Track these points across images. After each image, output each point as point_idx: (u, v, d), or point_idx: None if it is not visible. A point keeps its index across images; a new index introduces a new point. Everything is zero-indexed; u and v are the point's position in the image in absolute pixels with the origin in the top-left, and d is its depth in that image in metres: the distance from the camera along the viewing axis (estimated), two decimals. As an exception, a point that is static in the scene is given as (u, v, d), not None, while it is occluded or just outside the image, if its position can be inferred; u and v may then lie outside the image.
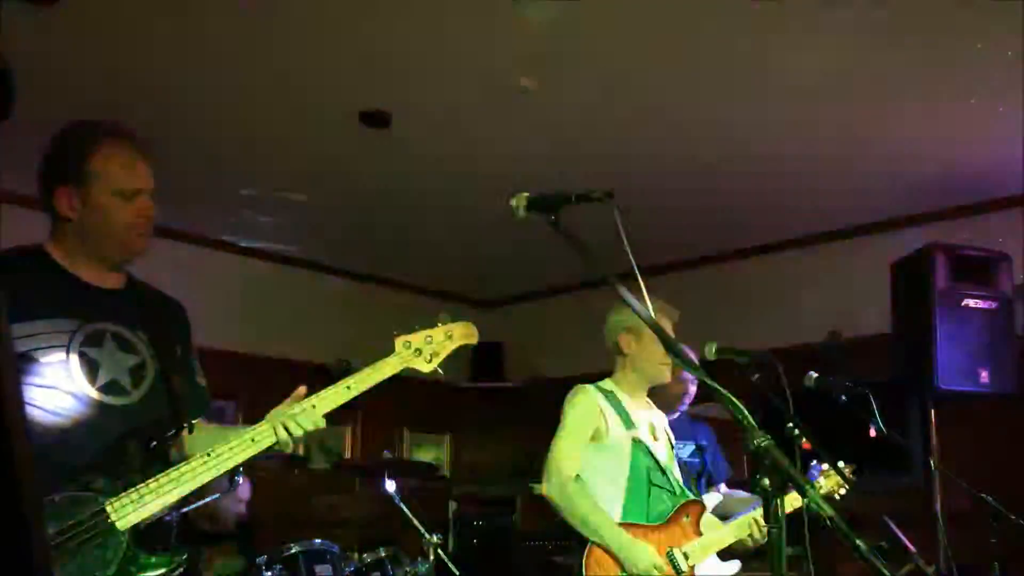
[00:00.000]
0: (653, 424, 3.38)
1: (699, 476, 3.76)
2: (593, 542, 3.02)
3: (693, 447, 3.76)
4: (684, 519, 3.18)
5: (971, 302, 4.27)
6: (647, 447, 3.26)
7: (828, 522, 1.49)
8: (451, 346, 2.24)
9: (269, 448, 2.04)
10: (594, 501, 3.11)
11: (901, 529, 2.90)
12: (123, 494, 1.88)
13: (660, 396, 3.58)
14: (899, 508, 3.47)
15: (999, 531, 3.59)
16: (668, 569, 3.04)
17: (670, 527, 3.15)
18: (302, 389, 2.11)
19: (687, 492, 3.32)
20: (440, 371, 2.22)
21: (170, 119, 4.67)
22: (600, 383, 3.36)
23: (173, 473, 1.93)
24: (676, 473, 3.37)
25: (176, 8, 3.78)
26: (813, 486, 3.43)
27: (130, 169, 2.11)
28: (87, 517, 1.84)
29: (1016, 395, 4.29)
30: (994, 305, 4.32)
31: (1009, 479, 4.44)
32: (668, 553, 3.07)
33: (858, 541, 1.43)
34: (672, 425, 3.68)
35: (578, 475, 3.17)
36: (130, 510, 1.87)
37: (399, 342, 2.20)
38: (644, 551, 3.00)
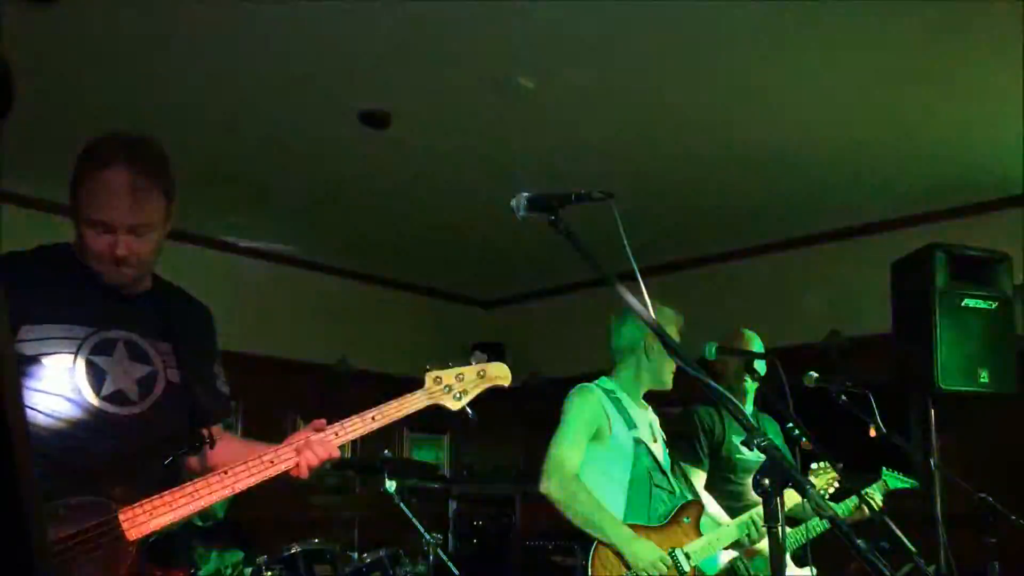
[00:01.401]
0: (651, 425, 3.38)
1: None
2: (597, 540, 3.01)
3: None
4: (684, 520, 3.19)
5: (971, 302, 4.27)
6: (647, 447, 3.26)
7: (828, 522, 1.49)
8: (482, 385, 2.19)
9: (285, 472, 2.01)
10: (596, 498, 3.09)
11: (901, 529, 2.90)
12: (136, 504, 1.86)
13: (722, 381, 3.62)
14: (899, 508, 3.47)
15: (999, 531, 3.59)
16: (671, 571, 3.03)
17: (671, 528, 3.16)
18: (321, 422, 2.08)
19: (686, 493, 3.34)
20: (469, 411, 2.16)
21: (169, 119, 4.67)
22: (601, 382, 3.34)
23: (188, 488, 1.91)
24: (674, 472, 3.39)
25: (175, 8, 3.78)
26: (813, 485, 3.45)
27: (110, 202, 1.98)
28: (98, 524, 1.82)
29: (1016, 395, 4.29)
30: (994, 305, 4.32)
31: (1009, 479, 4.44)
32: (670, 553, 3.07)
33: (858, 541, 1.44)
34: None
35: (577, 474, 3.15)
36: (142, 521, 1.85)
37: (429, 377, 2.14)
38: (647, 547, 3.00)
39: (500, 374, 2.21)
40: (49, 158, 5.08)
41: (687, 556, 3.09)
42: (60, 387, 1.96)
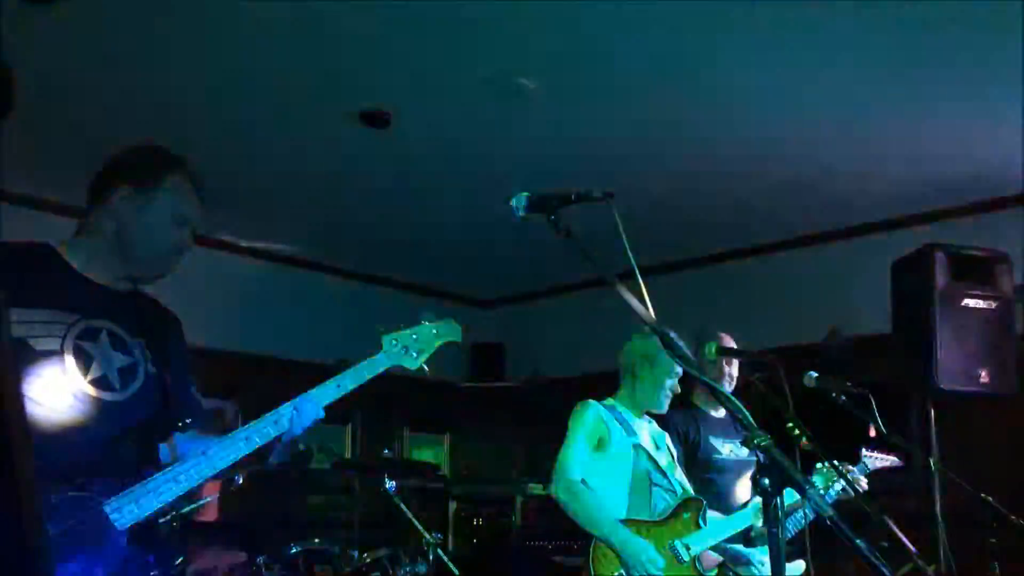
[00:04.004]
0: (653, 437, 3.58)
1: None
2: (596, 538, 3.21)
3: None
4: (684, 514, 3.38)
5: (971, 302, 4.27)
6: (647, 451, 3.47)
7: (828, 522, 1.49)
8: (436, 343, 2.30)
9: (262, 448, 2.05)
10: (597, 500, 3.30)
11: (901, 529, 2.90)
12: (121, 495, 1.89)
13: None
14: (899, 508, 3.47)
15: (999, 531, 3.59)
16: (672, 560, 3.25)
17: (671, 521, 3.35)
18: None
19: (688, 491, 3.50)
20: (426, 368, 2.27)
21: (169, 119, 4.67)
22: (603, 401, 3.56)
23: (170, 473, 1.95)
24: (679, 476, 3.56)
25: (176, 8, 3.78)
26: (814, 485, 3.47)
27: (192, 201, 2.19)
28: (86, 518, 1.84)
29: (1016, 395, 4.29)
30: (994, 305, 4.32)
31: (1009, 479, 4.44)
32: (670, 544, 3.27)
33: (858, 541, 1.44)
34: (723, 428, 3.84)
35: (583, 480, 3.36)
36: (128, 510, 1.88)
37: (386, 339, 2.25)
38: (641, 545, 3.18)
39: (452, 330, 2.33)
40: (49, 158, 5.09)
41: (687, 547, 3.29)
42: (48, 371, 1.96)
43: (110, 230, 2.11)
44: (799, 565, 3.56)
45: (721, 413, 3.85)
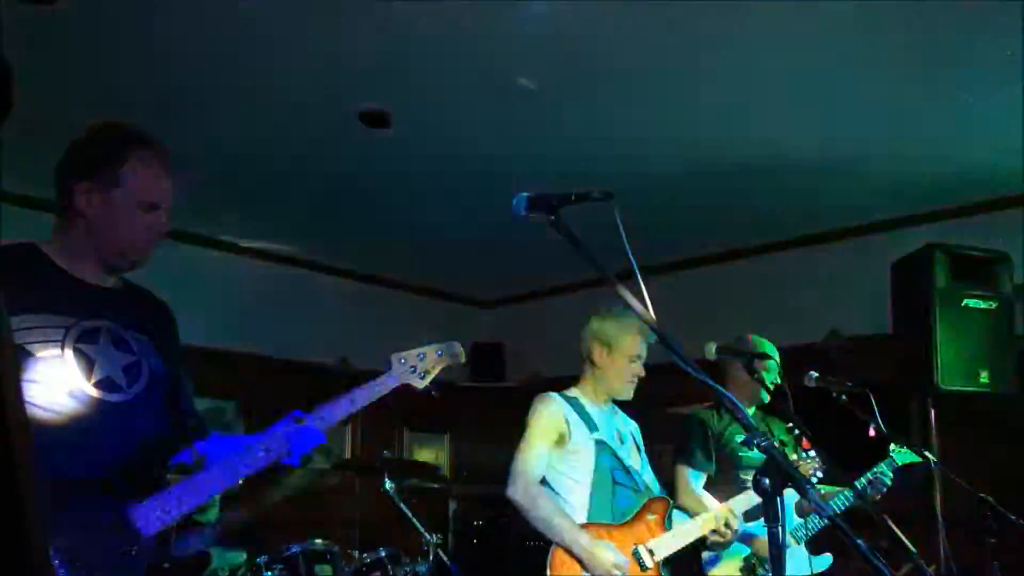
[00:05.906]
0: (619, 430, 3.42)
1: None
2: (555, 543, 3.07)
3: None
4: (649, 516, 3.21)
5: (971, 302, 4.27)
6: (610, 448, 3.30)
7: (828, 521, 1.49)
8: (441, 364, 2.35)
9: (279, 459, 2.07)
10: (556, 504, 3.15)
11: (901, 529, 2.90)
12: (147, 501, 1.90)
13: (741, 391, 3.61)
14: (899, 508, 3.47)
15: (999, 531, 3.60)
16: (634, 567, 3.07)
17: (634, 524, 3.19)
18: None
19: (652, 491, 3.35)
20: (431, 388, 2.31)
21: (169, 119, 4.66)
22: (564, 391, 3.42)
23: (194, 480, 1.96)
24: (646, 476, 3.41)
25: (176, 8, 3.78)
26: (814, 485, 3.47)
27: (156, 183, 2.11)
28: (113, 523, 1.85)
29: (1016, 395, 4.29)
30: (994, 305, 4.32)
31: (1009, 479, 4.44)
32: (633, 550, 3.11)
33: (858, 541, 1.44)
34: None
35: (543, 478, 3.23)
36: (155, 517, 1.90)
37: (395, 359, 2.30)
38: (604, 551, 3.03)
39: (456, 352, 2.39)
40: (49, 158, 5.09)
41: (650, 552, 3.12)
42: (51, 376, 1.93)
43: (80, 228, 2.07)
44: (828, 558, 3.56)
45: (750, 411, 3.77)
